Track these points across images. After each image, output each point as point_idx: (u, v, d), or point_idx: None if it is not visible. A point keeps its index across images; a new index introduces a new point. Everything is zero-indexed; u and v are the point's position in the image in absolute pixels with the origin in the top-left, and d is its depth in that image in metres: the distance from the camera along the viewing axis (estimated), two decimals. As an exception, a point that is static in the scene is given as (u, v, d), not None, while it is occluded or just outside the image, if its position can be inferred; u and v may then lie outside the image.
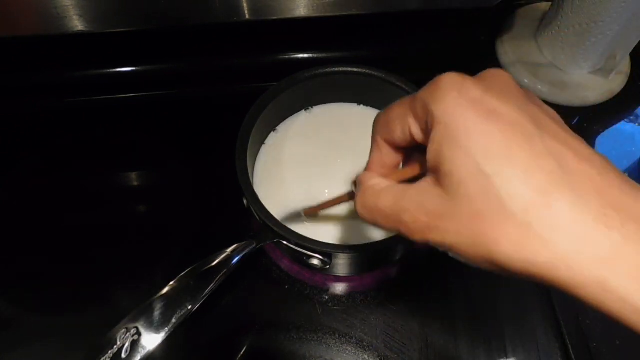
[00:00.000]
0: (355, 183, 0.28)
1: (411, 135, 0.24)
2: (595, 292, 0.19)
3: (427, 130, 0.23)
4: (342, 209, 0.43)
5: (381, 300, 0.44)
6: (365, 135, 0.48)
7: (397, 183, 0.26)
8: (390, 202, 0.24)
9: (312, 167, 0.45)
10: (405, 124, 0.24)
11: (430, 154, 0.23)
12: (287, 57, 0.59)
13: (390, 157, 0.27)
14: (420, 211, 0.23)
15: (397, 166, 0.28)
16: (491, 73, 0.24)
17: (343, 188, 0.44)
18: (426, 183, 0.23)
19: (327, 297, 0.45)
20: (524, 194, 0.20)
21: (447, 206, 0.22)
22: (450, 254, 0.23)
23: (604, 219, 0.19)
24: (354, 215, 0.43)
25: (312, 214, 0.40)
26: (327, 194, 0.44)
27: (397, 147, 0.27)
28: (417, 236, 0.23)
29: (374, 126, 0.27)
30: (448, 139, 0.21)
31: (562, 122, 0.23)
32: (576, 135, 0.22)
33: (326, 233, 0.42)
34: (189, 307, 0.36)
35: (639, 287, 0.18)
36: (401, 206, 0.24)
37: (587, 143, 0.22)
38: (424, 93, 0.23)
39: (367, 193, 0.26)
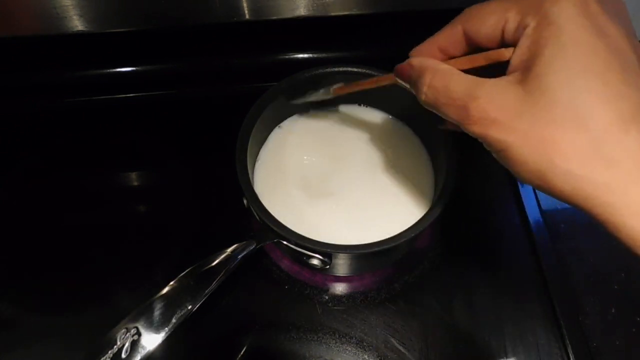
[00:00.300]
0: (402, 70, 0.29)
1: (503, 30, 0.24)
2: None
3: (526, 32, 0.23)
4: (343, 209, 0.43)
5: (381, 300, 0.44)
6: (365, 135, 0.48)
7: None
8: (463, 87, 0.24)
9: (312, 167, 0.45)
10: (502, 17, 0.24)
11: (527, 53, 0.22)
12: (287, 57, 0.59)
13: (457, 45, 0.27)
14: (492, 104, 0.23)
15: (449, 58, 0.28)
16: None
17: (344, 188, 0.44)
18: (507, 80, 0.23)
19: (327, 297, 0.45)
20: (607, 115, 0.20)
21: (526, 106, 0.22)
22: (499, 155, 0.23)
23: None
24: (353, 214, 0.43)
25: (342, 92, 0.39)
26: (328, 194, 0.44)
27: (469, 41, 0.26)
28: (477, 128, 0.23)
29: (461, 14, 0.27)
30: (555, 44, 0.21)
31: None
32: None
33: (326, 233, 0.42)
34: (189, 307, 0.36)
35: None
36: (473, 94, 0.23)
37: None
38: None
39: (439, 74, 0.26)
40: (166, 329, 0.35)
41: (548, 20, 0.22)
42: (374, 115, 0.48)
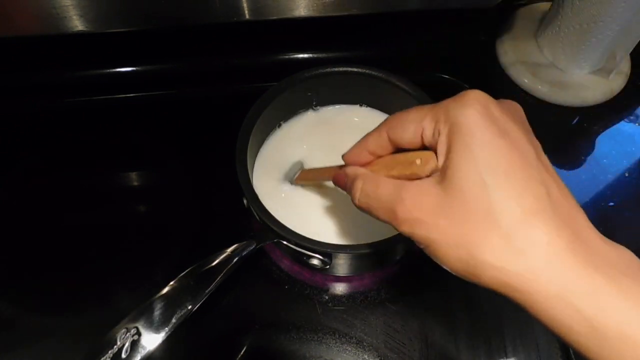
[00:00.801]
0: (337, 177, 0.33)
1: (422, 137, 0.26)
2: (554, 305, 0.22)
3: (439, 138, 0.25)
4: (343, 209, 0.43)
5: (381, 300, 0.44)
6: (365, 133, 0.48)
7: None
8: (389, 191, 0.27)
9: (313, 167, 0.45)
10: (420, 125, 0.26)
11: (443, 157, 0.25)
12: (287, 57, 0.59)
13: (383, 148, 0.30)
14: (415, 204, 0.25)
15: (376, 158, 0.30)
16: (509, 101, 0.27)
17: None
18: (428, 181, 0.25)
19: (327, 297, 0.45)
20: (514, 210, 0.23)
21: (443, 205, 0.24)
22: (427, 251, 0.26)
23: (572, 247, 0.22)
24: (353, 215, 0.43)
25: (301, 182, 0.42)
26: (328, 194, 0.44)
27: (394, 144, 0.29)
28: (405, 227, 0.26)
29: (385, 121, 0.29)
30: (463, 148, 0.24)
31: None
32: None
33: (326, 233, 0.42)
34: (189, 307, 0.36)
35: (593, 303, 0.21)
36: (398, 196, 0.26)
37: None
38: (450, 102, 0.25)
39: (369, 180, 0.29)
40: (166, 329, 0.35)
41: (457, 126, 0.24)
42: (374, 116, 0.48)
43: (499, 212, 0.23)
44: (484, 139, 0.23)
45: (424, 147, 0.27)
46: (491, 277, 0.23)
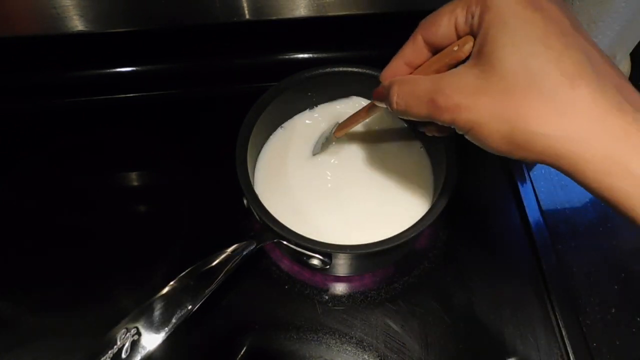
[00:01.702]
0: (376, 93, 0.32)
1: (456, 26, 0.27)
2: (603, 166, 0.22)
3: (473, 21, 0.26)
4: (343, 209, 0.43)
5: (381, 300, 0.44)
6: (364, 133, 0.48)
7: None
8: (426, 86, 0.27)
9: (312, 167, 0.45)
10: (452, 16, 0.27)
11: (478, 37, 0.25)
12: (287, 57, 0.59)
13: (420, 54, 0.30)
14: (454, 90, 0.25)
15: (418, 66, 0.30)
16: None
17: (344, 188, 0.44)
18: (464, 67, 0.26)
19: (327, 297, 0.45)
20: (554, 75, 0.22)
21: (483, 83, 0.24)
22: (470, 134, 0.26)
23: (618, 106, 0.22)
24: (353, 215, 0.43)
25: (341, 133, 0.42)
26: (328, 194, 0.44)
27: (430, 46, 0.29)
28: (446, 116, 0.26)
29: (417, 27, 0.29)
30: (497, 22, 0.24)
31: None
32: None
33: (326, 233, 0.42)
34: (189, 307, 0.36)
35: None
36: (438, 88, 0.26)
37: None
38: None
39: (404, 82, 0.28)
40: (166, 329, 0.35)
41: (489, 7, 0.24)
42: (374, 116, 0.48)
43: (539, 79, 0.23)
44: (516, 13, 0.24)
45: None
46: (538, 147, 0.23)
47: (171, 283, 0.37)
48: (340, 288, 0.45)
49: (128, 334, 0.35)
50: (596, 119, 0.22)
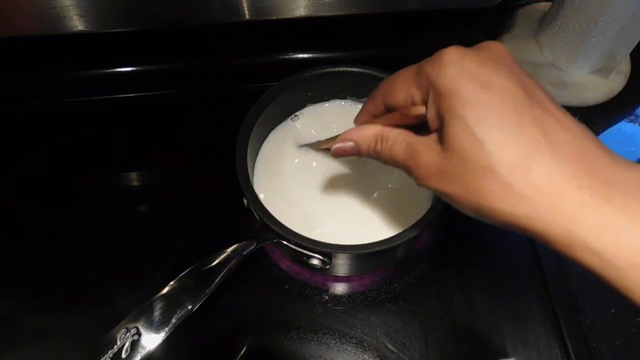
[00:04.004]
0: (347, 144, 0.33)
1: (412, 101, 0.28)
2: (565, 242, 0.22)
3: (429, 103, 0.26)
4: (343, 209, 0.43)
5: (381, 300, 0.44)
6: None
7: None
8: (403, 149, 0.29)
9: (312, 167, 0.45)
10: (409, 93, 0.28)
11: (431, 120, 0.26)
12: (287, 57, 0.59)
13: (381, 112, 0.32)
14: (424, 163, 0.27)
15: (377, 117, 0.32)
16: (488, 46, 0.27)
17: (344, 188, 0.44)
18: (431, 139, 0.27)
19: (327, 297, 0.45)
20: (509, 158, 0.23)
21: (445, 163, 0.26)
22: (447, 200, 0.27)
23: (575, 182, 0.22)
24: (353, 215, 0.43)
25: (324, 146, 0.41)
26: (328, 194, 0.44)
27: (388, 107, 0.31)
28: (422, 183, 0.28)
29: (377, 88, 0.31)
30: (448, 108, 0.25)
31: (550, 94, 0.26)
32: (561, 107, 0.25)
33: (326, 233, 0.42)
34: (189, 307, 0.36)
35: (601, 237, 0.21)
36: (410, 156, 0.28)
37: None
38: (427, 67, 0.26)
39: (383, 138, 0.31)
40: (166, 329, 0.35)
41: (438, 91, 0.25)
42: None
43: (496, 163, 0.23)
44: (466, 98, 0.24)
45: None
46: (504, 221, 0.24)
47: (171, 283, 0.37)
48: (340, 288, 0.45)
49: (128, 334, 0.35)
50: (554, 198, 0.22)
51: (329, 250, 0.38)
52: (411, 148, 0.28)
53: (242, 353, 0.42)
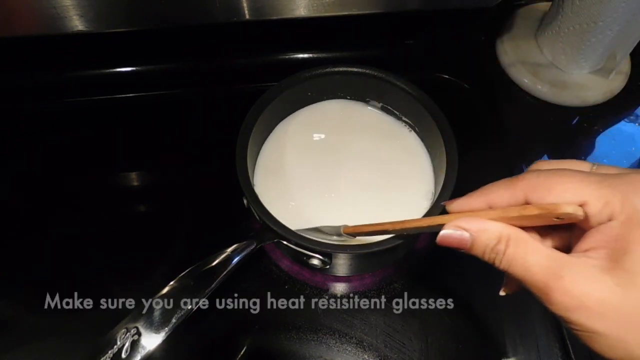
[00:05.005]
0: (452, 237, 0.27)
1: (585, 212, 0.23)
2: None
3: (610, 224, 0.23)
4: (343, 209, 0.43)
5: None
6: (365, 135, 0.48)
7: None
8: (543, 263, 0.24)
9: (312, 167, 0.45)
10: (579, 198, 0.23)
11: (613, 243, 0.23)
12: (287, 57, 0.59)
13: (509, 205, 0.26)
14: (577, 289, 0.22)
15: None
16: None
17: (344, 188, 0.44)
18: (592, 265, 0.23)
19: (327, 297, 0.45)
20: None
21: (616, 299, 0.22)
22: (582, 336, 0.23)
23: None
24: (354, 215, 0.43)
25: (352, 232, 0.38)
26: (328, 195, 0.44)
27: (527, 203, 0.25)
28: (558, 309, 0.23)
29: (522, 180, 0.26)
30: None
31: None
32: None
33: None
34: (189, 307, 0.36)
35: None
36: (556, 273, 0.23)
37: None
38: (629, 187, 0.23)
39: (512, 243, 0.25)
40: (166, 329, 0.35)
41: (635, 219, 0.22)
42: (375, 115, 0.48)
43: None
44: None
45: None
46: None
47: (171, 283, 0.37)
48: (340, 288, 0.45)
49: (128, 334, 0.35)
50: None
51: (329, 250, 0.38)
52: (558, 267, 0.23)
53: (242, 353, 0.42)
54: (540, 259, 0.24)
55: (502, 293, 0.31)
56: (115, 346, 0.34)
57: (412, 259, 0.47)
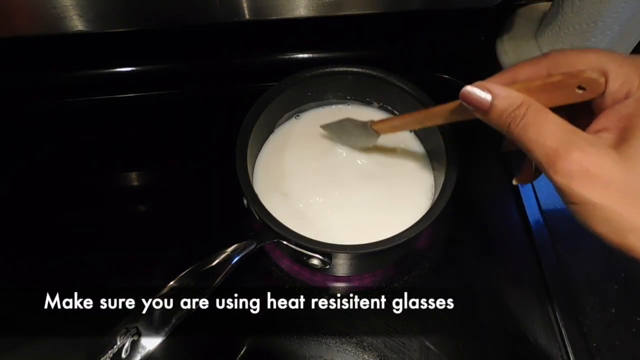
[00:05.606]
0: (475, 100, 0.27)
1: (606, 83, 0.23)
2: None
3: (625, 92, 0.23)
4: (343, 209, 0.43)
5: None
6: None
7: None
8: (557, 133, 0.24)
9: (313, 167, 0.45)
10: (599, 71, 0.24)
11: (625, 119, 0.23)
12: (287, 57, 0.59)
13: (534, 78, 0.26)
14: (585, 160, 0.22)
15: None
16: None
17: (343, 188, 0.44)
18: (602, 139, 0.23)
19: (327, 297, 0.45)
20: None
21: (618, 173, 0.22)
22: (576, 209, 0.23)
23: None
24: (353, 214, 0.43)
25: (382, 128, 0.38)
26: (328, 194, 0.44)
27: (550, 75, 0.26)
28: (560, 177, 0.23)
29: (544, 58, 0.26)
30: None
31: None
32: None
33: (326, 233, 0.42)
34: (189, 307, 0.36)
35: None
36: (568, 143, 0.23)
37: None
38: None
39: (534, 111, 0.25)
40: (166, 329, 0.35)
41: None
42: (375, 116, 0.48)
43: None
44: None
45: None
46: None
47: (171, 283, 0.37)
48: (340, 288, 0.45)
49: (128, 334, 0.35)
50: None
51: (329, 250, 0.38)
52: (570, 137, 0.23)
53: (242, 353, 0.42)
54: (556, 127, 0.24)
55: (515, 182, 0.33)
56: (115, 346, 0.34)
57: (412, 259, 0.47)
